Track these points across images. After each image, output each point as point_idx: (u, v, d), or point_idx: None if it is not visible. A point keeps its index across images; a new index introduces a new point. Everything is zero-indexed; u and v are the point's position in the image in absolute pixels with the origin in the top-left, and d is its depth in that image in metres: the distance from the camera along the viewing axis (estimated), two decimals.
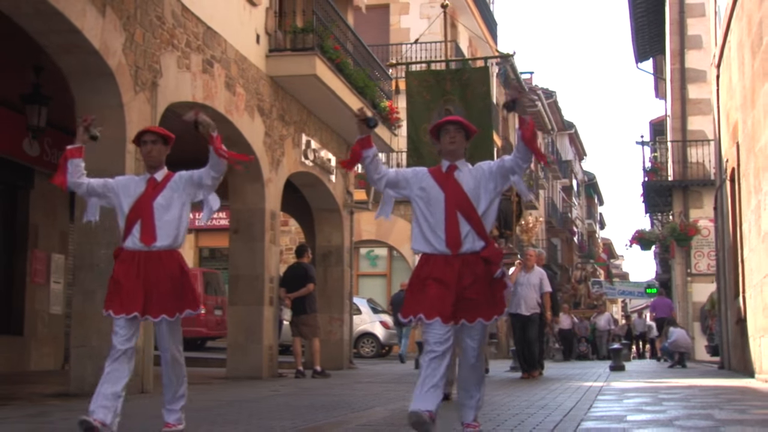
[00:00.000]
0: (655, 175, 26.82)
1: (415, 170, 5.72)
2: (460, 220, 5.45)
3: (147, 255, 5.95)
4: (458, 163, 5.62)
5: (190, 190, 6.11)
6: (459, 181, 5.52)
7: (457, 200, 5.47)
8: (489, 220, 5.56)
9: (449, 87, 10.80)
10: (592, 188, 71.15)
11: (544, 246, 44.96)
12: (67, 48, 9.22)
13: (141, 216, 6.00)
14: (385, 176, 5.63)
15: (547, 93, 46.40)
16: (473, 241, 5.44)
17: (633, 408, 7.80)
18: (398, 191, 5.65)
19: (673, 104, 26.42)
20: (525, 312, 13.45)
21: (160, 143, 6.18)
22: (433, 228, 5.48)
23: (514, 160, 5.52)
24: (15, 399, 8.71)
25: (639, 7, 27.94)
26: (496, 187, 5.55)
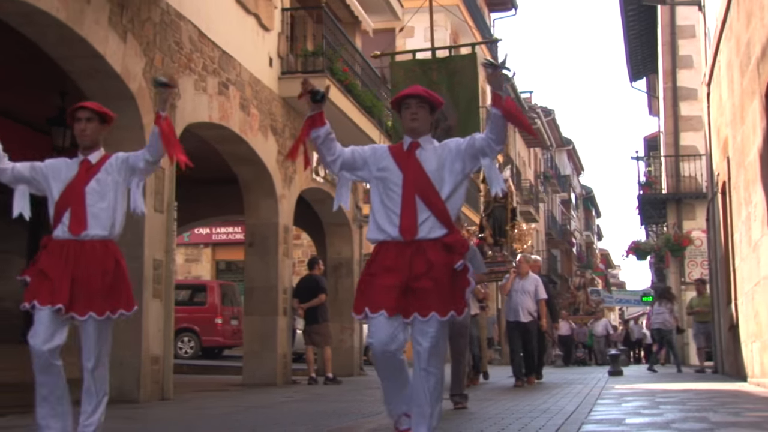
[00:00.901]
0: (649, 188, 26.84)
1: (374, 148, 4.89)
2: (418, 205, 4.61)
3: (78, 246, 5.01)
4: (422, 141, 4.78)
5: (124, 173, 5.21)
6: (420, 161, 4.69)
7: (417, 182, 4.64)
8: (454, 205, 4.71)
9: (435, 77, 9.91)
10: (589, 201, 71.08)
11: (544, 257, 44.89)
12: (91, 73, 9.25)
13: (71, 202, 5.07)
14: (340, 157, 4.81)
15: (546, 111, 46.40)
16: (431, 228, 4.60)
17: (631, 411, 7.76)
18: (355, 173, 4.86)
19: (666, 121, 26.42)
20: (523, 319, 12.81)
21: (96, 121, 5.26)
22: (388, 212, 4.66)
23: (486, 141, 4.67)
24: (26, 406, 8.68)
25: (632, 29, 27.96)
26: (463, 169, 4.70)
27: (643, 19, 27.19)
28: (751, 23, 10.63)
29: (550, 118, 47.25)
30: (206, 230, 27.07)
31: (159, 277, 9.79)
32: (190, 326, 21.52)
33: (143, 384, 9.34)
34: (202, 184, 15.92)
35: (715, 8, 14.63)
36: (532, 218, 42.40)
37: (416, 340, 4.57)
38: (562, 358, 27.07)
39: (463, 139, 4.77)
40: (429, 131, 4.83)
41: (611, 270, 77.29)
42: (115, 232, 5.15)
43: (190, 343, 21.86)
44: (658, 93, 28.83)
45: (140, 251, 9.47)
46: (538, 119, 43.56)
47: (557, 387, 12.24)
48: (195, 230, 25.52)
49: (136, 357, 9.31)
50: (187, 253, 27.89)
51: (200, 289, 22.97)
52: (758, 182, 10.57)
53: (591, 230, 72.28)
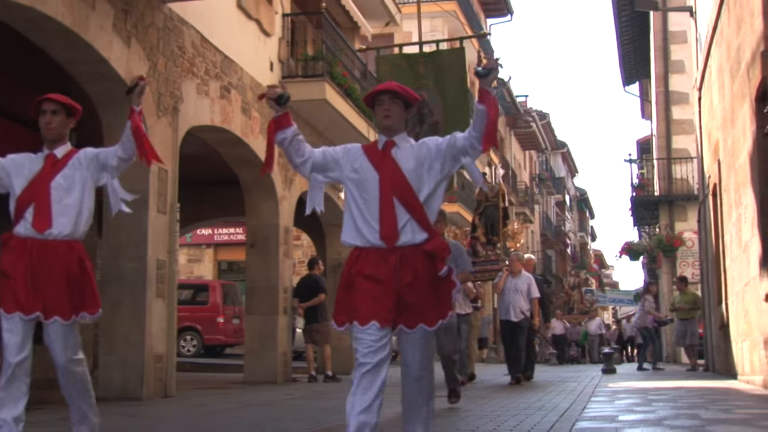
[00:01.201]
0: (642, 190, 26.84)
1: (346, 148, 4.49)
2: (397, 208, 4.27)
3: (41, 244, 4.66)
4: (397, 139, 4.40)
5: (94, 170, 4.86)
6: (397, 161, 4.33)
7: (394, 183, 4.28)
8: (433, 207, 4.38)
9: (422, 71, 9.41)
10: (583, 203, 71.11)
11: (539, 257, 44.90)
12: (95, 77, 9.26)
13: (35, 198, 4.70)
14: (310, 159, 4.42)
15: (541, 114, 46.44)
16: (413, 233, 4.26)
17: (624, 408, 7.77)
18: (327, 175, 4.48)
19: (659, 124, 26.43)
20: (514, 318, 12.54)
21: (63, 114, 4.88)
22: (365, 217, 4.30)
23: (468, 140, 4.32)
24: (48, 403, 8.70)
25: (625, 35, 27.99)
26: (443, 169, 4.35)
27: (636, 25, 27.22)
28: (741, 29, 10.65)
29: (545, 121, 47.28)
30: (208, 231, 27.06)
31: (162, 276, 9.80)
32: (193, 325, 21.50)
33: (147, 381, 9.35)
34: (205, 186, 15.93)
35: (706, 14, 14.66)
36: (527, 219, 42.43)
37: (405, 351, 4.34)
38: (556, 357, 27.07)
39: (443, 139, 4.42)
40: (405, 129, 4.49)
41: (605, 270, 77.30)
42: (80, 230, 4.80)
43: (193, 342, 21.85)
44: (651, 97, 28.84)
45: (144, 251, 9.48)
46: (533, 122, 43.60)
47: (552, 385, 12.25)
48: (197, 231, 25.49)
49: (139, 355, 9.31)
50: (189, 254, 27.87)
51: (202, 288, 22.97)
52: (748, 185, 10.59)
53: (585, 231, 72.30)
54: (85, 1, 8.55)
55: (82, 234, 4.82)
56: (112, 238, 9.61)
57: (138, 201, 9.44)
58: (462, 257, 7.96)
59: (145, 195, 9.55)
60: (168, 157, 10.05)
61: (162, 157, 9.88)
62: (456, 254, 7.72)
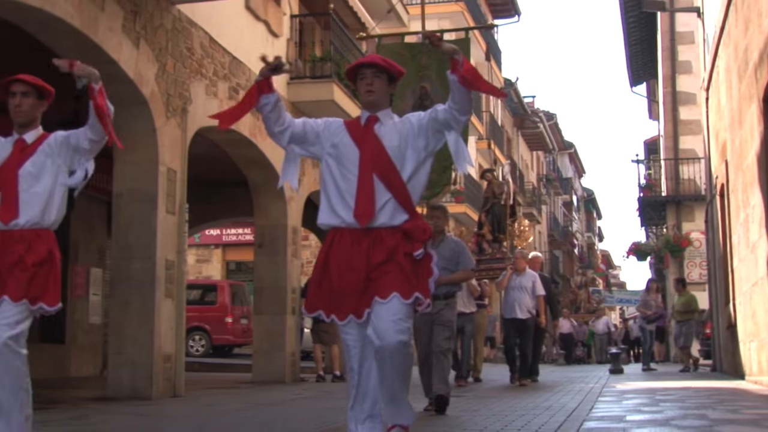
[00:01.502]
0: (649, 191, 26.81)
1: (327, 122, 4.24)
2: (377, 186, 3.99)
3: (5, 235, 4.34)
4: (381, 115, 4.16)
5: (65, 155, 4.53)
6: (379, 137, 4.08)
7: (376, 160, 4.02)
8: (416, 187, 4.10)
9: (425, 61, 9.01)
10: (591, 203, 70.99)
11: (547, 257, 44.87)
12: (104, 78, 9.13)
13: (2, 187, 4.40)
14: (290, 128, 4.17)
15: (548, 115, 46.42)
16: (392, 214, 3.99)
17: (632, 408, 7.76)
18: (306, 148, 4.20)
19: (666, 125, 26.40)
20: (520, 315, 12.14)
21: (33, 96, 4.58)
22: (343, 195, 4.02)
23: (449, 112, 4.07)
24: (58, 403, 8.73)
25: (633, 36, 27.95)
26: (427, 146, 4.12)
27: (644, 26, 27.18)
28: (748, 29, 10.62)
29: (552, 122, 47.25)
30: (217, 231, 27.08)
31: (171, 277, 9.81)
32: (201, 325, 21.53)
33: (156, 381, 9.36)
34: (213, 186, 15.95)
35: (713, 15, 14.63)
36: (534, 220, 42.40)
37: (377, 317, 3.89)
38: (564, 357, 26.97)
39: (425, 113, 4.18)
40: (389, 104, 4.25)
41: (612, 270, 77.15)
42: (50, 219, 4.48)
43: (201, 342, 21.88)
44: (658, 98, 28.80)
45: (153, 252, 9.50)
46: (540, 123, 43.57)
47: (559, 385, 12.23)
48: (206, 231, 25.52)
49: (148, 355, 9.33)
50: (198, 254, 27.90)
51: (211, 288, 23.00)
52: (756, 185, 10.56)
53: (592, 231, 72.19)
54: (95, 3, 8.57)
55: (53, 223, 4.51)
56: (121, 238, 9.63)
57: (147, 202, 9.54)
58: (464, 254, 7.87)
59: (154, 196, 9.57)
60: (177, 158, 10.07)
61: (171, 158, 9.95)
62: (458, 251, 7.73)
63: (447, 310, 7.62)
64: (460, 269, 7.74)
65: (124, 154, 9.64)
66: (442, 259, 7.01)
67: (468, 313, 12.23)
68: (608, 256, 76.73)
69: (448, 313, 7.63)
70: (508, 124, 39.91)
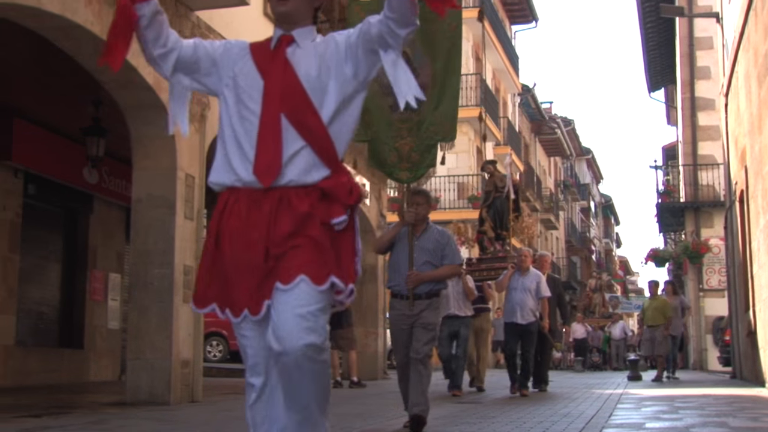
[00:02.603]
0: (668, 197, 26.70)
1: (228, 44, 3.10)
2: (285, 129, 2.87)
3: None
4: (297, 34, 2.99)
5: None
6: (293, 64, 2.94)
7: (285, 94, 2.90)
8: (342, 132, 2.95)
9: None
10: (608, 209, 70.78)
11: (564, 264, 44.76)
12: (124, 84, 9.31)
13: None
14: (175, 51, 3.04)
15: (565, 121, 46.31)
16: (305, 168, 2.87)
17: (651, 416, 7.70)
18: (198, 79, 3.10)
19: (684, 131, 26.29)
20: (521, 320, 11.15)
21: None
22: (240, 142, 2.92)
23: (383, 23, 2.86)
24: (77, 407, 8.75)
25: (651, 41, 27.86)
26: (356, 73, 2.95)
27: (662, 31, 27.10)
28: None
29: (569, 128, 47.15)
30: None
31: (189, 282, 9.82)
32: (219, 330, 21.57)
33: (174, 387, 9.37)
34: None
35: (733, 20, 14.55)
36: (552, 226, 42.29)
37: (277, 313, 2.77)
38: (582, 363, 26.63)
39: (354, 29, 3.00)
40: (310, 20, 3.06)
41: (630, 277, 76.87)
42: None
43: (219, 347, 21.91)
44: (676, 103, 28.69)
45: (171, 258, 9.51)
46: (558, 129, 43.47)
47: (577, 391, 12.17)
48: None
49: (166, 360, 9.34)
50: None
51: None
52: None
53: (610, 238, 71.96)
54: (114, 9, 8.60)
55: None
56: (140, 244, 9.65)
57: (166, 208, 9.57)
58: (449, 247, 6.75)
59: (173, 201, 9.59)
60: (195, 164, 10.10)
61: (189, 164, 9.97)
62: (443, 243, 6.75)
63: (429, 312, 6.65)
64: (445, 264, 6.73)
65: (142, 159, 9.67)
66: (424, 252, 6.68)
67: (463, 317, 11.44)
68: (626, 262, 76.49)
69: (430, 315, 6.65)
70: (526, 129, 39.84)
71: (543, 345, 12.03)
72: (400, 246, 6.76)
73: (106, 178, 13.38)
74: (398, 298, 6.71)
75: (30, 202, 12.28)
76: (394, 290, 6.76)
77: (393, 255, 6.86)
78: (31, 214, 12.33)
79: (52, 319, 13.25)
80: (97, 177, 13.13)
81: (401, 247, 6.74)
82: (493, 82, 31.76)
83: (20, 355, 11.97)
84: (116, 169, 13.41)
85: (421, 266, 6.63)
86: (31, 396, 10.01)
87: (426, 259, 6.66)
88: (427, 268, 6.64)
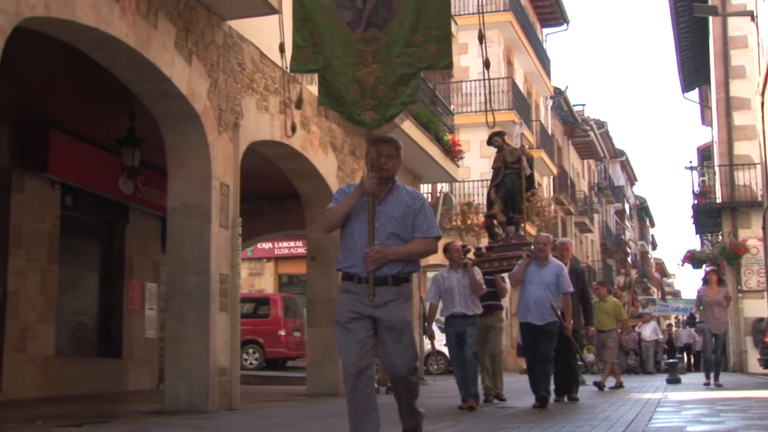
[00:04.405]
0: (704, 197, 26.46)
1: None
2: None
3: None
4: None
5: None
6: None
7: None
8: None
9: None
10: (643, 211, 70.26)
11: (599, 267, 44.43)
12: (158, 94, 9.39)
13: None
14: None
15: (598, 123, 46.04)
16: None
17: (692, 419, 7.62)
18: None
19: (720, 131, 26.04)
20: (537, 321, 9.39)
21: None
22: None
23: None
24: (116, 416, 8.82)
25: (684, 41, 27.64)
26: None
27: (695, 31, 26.87)
28: None
29: (603, 130, 46.87)
30: (269, 245, 27.24)
31: (225, 291, 9.87)
32: (255, 338, 21.65)
33: (212, 395, 9.41)
34: (265, 200, 16.04)
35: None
36: (587, 229, 42.03)
37: None
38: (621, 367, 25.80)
39: None
40: None
41: (666, 279, 76.18)
42: None
43: (255, 355, 22.00)
44: (711, 103, 28.45)
45: (207, 266, 9.56)
46: (591, 131, 43.23)
47: (616, 395, 12.06)
48: (258, 245, 25.69)
49: (204, 369, 9.39)
50: (250, 267, 28.08)
51: (264, 302, 23.12)
52: None
53: (645, 240, 71.37)
54: (148, 21, 8.68)
55: None
56: (176, 253, 9.71)
57: (201, 217, 9.62)
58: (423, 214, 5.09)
59: (208, 210, 9.64)
60: (230, 173, 10.15)
61: (224, 173, 10.04)
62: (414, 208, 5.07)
63: (397, 305, 4.95)
64: (417, 237, 5.03)
65: (177, 169, 9.74)
66: (389, 220, 5.00)
67: (471, 316, 9.69)
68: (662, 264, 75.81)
69: (398, 310, 4.95)
70: (559, 132, 39.65)
71: (567, 349, 10.23)
72: (357, 216, 5.06)
73: (141, 188, 13.49)
74: (353, 280, 4.99)
75: (67, 214, 12.41)
76: (350, 273, 5.01)
77: (347, 226, 5.10)
78: (68, 225, 12.45)
79: (90, 328, 13.37)
80: (133, 187, 13.24)
81: (359, 217, 5.04)
82: (524, 86, 31.66)
83: (60, 364, 12.08)
84: (151, 179, 13.52)
85: (386, 241, 4.95)
86: (71, 405, 10.10)
87: (392, 231, 4.98)
88: (394, 242, 4.96)
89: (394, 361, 4.94)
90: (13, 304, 11.17)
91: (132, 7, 8.37)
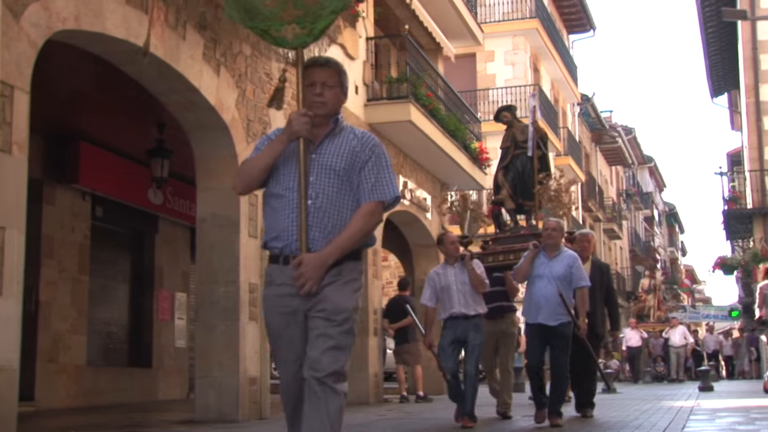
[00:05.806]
0: (734, 203, 26.22)
1: None
2: None
3: None
4: None
5: None
6: None
7: None
8: None
9: None
10: (672, 218, 69.74)
11: (628, 274, 44.12)
12: (187, 105, 9.44)
13: None
14: None
15: (626, 129, 45.80)
16: None
17: (726, 427, 7.54)
18: None
19: (750, 135, 25.83)
20: (549, 321, 8.01)
21: None
22: None
23: None
24: (147, 426, 8.85)
25: (713, 46, 27.46)
26: None
27: (724, 35, 26.68)
28: None
29: (630, 136, 46.62)
30: None
31: (254, 300, 9.89)
32: None
33: (242, 404, 9.43)
34: None
35: None
36: (615, 236, 41.77)
37: None
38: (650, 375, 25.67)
39: None
40: None
41: (697, 285, 75.51)
42: None
43: None
44: (741, 108, 28.22)
45: (236, 276, 9.59)
46: (618, 138, 43.01)
47: (647, 402, 11.96)
48: None
49: (234, 378, 9.41)
50: None
51: None
52: None
53: (675, 246, 70.82)
54: (177, 33, 8.74)
55: None
56: (205, 263, 9.75)
57: (230, 226, 9.66)
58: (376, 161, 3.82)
59: (236, 220, 9.68)
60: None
61: None
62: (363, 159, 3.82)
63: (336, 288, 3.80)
64: (363, 202, 3.75)
65: (206, 179, 9.78)
66: (328, 173, 3.72)
67: (473, 316, 8.36)
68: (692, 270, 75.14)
69: (339, 295, 3.78)
70: (586, 139, 39.46)
71: (585, 356, 8.70)
72: (284, 167, 3.76)
73: (170, 199, 13.57)
74: (279, 263, 3.83)
75: (97, 224, 12.51)
76: (274, 252, 3.88)
77: (271, 184, 3.82)
78: (98, 236, 12.55)
79: (121, 338, 13.45)
80: (162, 198, 13.32)
81: (287, 169, 3.76)
82: (551, 93, 31.56)
83: (91, 374, 12.16)
84: (180, 190, 13.59)
85: (324, 205, 3.72)
86: (103, 415, 10.16)
87: (331, 189, 3.73)
88: (332, 208, 3.73)
89: (320, 358, 3.58)
90: (45, 315, 11.27)
91: (161, 19, 8.43)
